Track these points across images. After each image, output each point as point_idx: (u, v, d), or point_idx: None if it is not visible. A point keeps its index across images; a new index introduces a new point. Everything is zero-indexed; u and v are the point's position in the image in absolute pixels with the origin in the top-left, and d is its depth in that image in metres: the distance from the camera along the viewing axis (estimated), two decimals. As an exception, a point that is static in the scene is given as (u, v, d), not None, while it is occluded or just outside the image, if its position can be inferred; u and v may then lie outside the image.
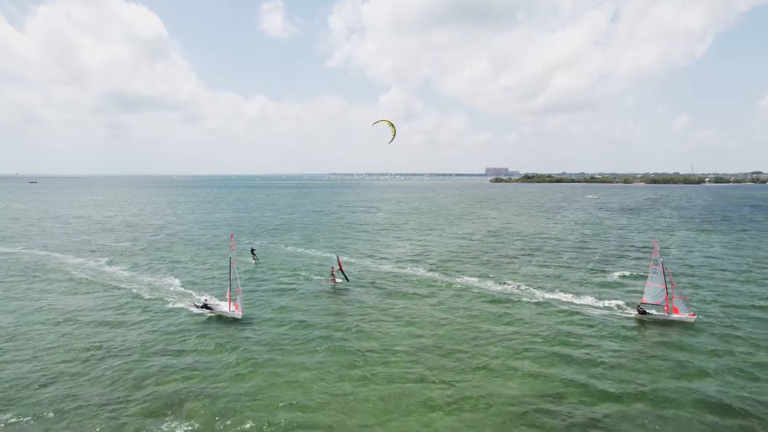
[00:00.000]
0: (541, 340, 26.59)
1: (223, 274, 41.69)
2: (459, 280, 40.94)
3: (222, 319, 29.58)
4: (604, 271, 44.57)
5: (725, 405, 19.25)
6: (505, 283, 39.47)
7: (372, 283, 39.92)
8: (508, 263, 48.74)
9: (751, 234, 70.79)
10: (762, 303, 33.53)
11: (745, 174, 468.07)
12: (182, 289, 37.34)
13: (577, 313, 31.53)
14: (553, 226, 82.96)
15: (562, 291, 36.88)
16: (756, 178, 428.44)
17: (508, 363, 23.50)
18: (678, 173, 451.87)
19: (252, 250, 46.90)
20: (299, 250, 56.42)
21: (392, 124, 47.78)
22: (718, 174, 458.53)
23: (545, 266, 47.24)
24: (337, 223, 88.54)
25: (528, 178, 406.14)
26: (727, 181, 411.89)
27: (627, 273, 43.68)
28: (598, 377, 21.89)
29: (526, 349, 25.23)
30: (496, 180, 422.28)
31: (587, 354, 24.63)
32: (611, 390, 20.65)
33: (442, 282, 40.28)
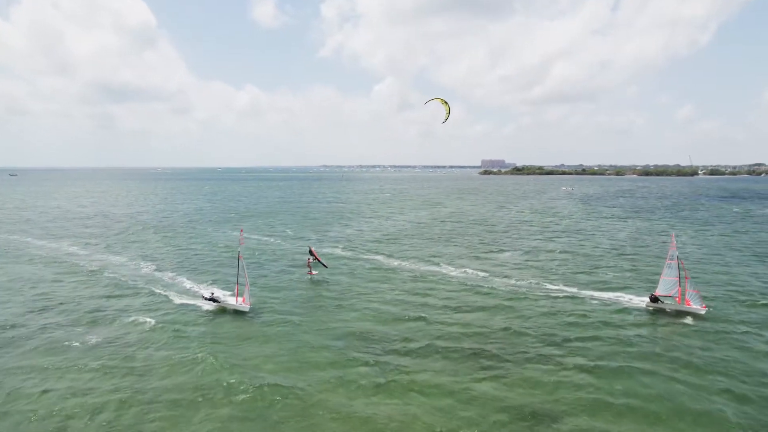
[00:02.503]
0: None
1: (206, 260, 46.67)
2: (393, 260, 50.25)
3: (228, 311, 30.87)
4: (502, 250, 53.90)
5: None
6: (412, 261, 48.79)
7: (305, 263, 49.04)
8: (429, 244, 58.02)
9: (669, 221, 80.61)
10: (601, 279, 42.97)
11: (744, 166, 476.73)
12: (189, 281, 38.74)
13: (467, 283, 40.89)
14: (497, 213, 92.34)
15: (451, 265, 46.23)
16: (753, 170, 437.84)
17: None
18: (679, 165, 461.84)
19: (310, 251, 43.81)
20: (265, 238, 65.54)
21: (446, 102, 46.02)
22: (717, 166, 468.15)
23: (458, 245, 56.57)
24: (296, 212, 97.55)
25: (518, 171, 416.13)
26: (723, 173, 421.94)
27: (531, 248, 53.10)
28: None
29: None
30: (486, 172, 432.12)
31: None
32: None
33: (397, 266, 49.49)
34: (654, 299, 31.28)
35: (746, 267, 43.86)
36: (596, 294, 34.62)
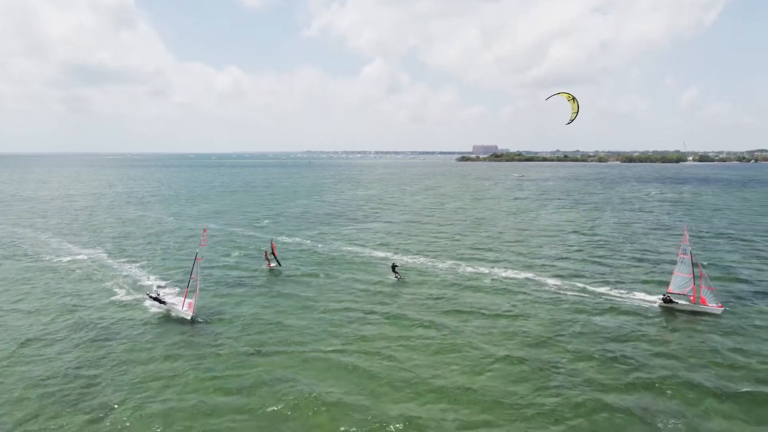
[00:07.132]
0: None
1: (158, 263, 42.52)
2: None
3: (169, 317, 29.30)
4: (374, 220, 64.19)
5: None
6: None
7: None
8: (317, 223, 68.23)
9: (565, 203, 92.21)
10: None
11: (743, 152, 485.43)
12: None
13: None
14: (410, 196, 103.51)
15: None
16: (743, 157, 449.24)
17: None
18: (678, 151, 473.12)
19: (393, 267, 40.15)
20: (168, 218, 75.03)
21: (574, 99, 39.98)
22: (720, 152, 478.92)
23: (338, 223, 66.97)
24: (220, 196, 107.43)
25: (497, 157, 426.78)
26: (712, 160, 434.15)
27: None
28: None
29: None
30: (463, 159, 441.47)
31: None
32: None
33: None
34: (667, 300, 30.37)
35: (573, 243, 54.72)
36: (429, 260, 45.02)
